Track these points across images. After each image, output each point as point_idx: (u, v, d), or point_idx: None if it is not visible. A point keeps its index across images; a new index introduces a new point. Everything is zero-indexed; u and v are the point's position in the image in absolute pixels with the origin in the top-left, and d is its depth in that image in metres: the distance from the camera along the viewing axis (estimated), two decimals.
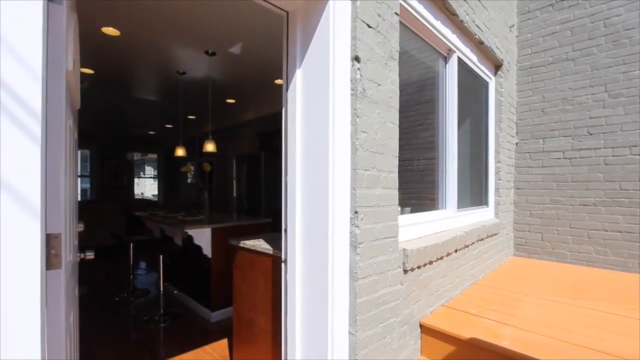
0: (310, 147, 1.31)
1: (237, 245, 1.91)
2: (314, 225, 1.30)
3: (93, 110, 6.28)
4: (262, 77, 4.27)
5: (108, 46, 3.29)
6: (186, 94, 4.97)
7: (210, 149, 3.46)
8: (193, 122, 7.29)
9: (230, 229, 3.02)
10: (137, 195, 10.56)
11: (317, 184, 1.28)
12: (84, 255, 1.52)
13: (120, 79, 4.34)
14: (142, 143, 9.82)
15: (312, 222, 1.30)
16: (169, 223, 3.04)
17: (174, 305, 3.27)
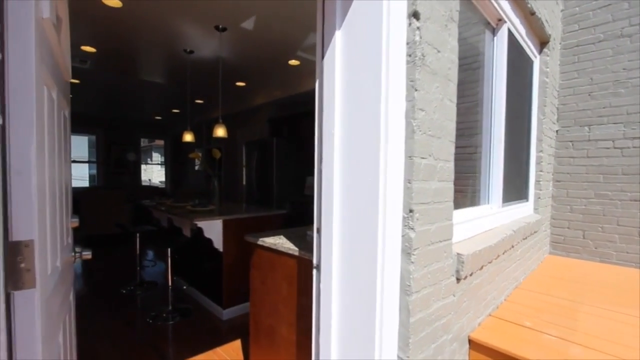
0: (354, 129, 1.05)
1: (255, 242, 1.67)
2: (357, 226, 1.04)
3: (98, 94, 6.04)
4: (276, 57, 3.96)
5: (109, 20, 3.02)
6: (194, 75, 4.69)
7: (220, 134, 3.21)
8: (201, 107, 7.02)
9: (243, 221, 2.79)
10: (145, 181, 10.42)
11: (363, 175, 1.02)
12: (79, 254, 1.30)
13: (124, 58, 4.07)
14: (149, 129, 9.61)
15: (355, 222, 1.05)
16: (177, 213, 2.82)
17: (183, 301, 3.08)
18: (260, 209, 3.15)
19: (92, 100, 6.63)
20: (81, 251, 1.28)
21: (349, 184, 1.06)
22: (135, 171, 9.36)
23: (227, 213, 2.82)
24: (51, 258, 0.84)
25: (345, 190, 1.08)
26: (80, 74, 4.78)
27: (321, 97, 1.16)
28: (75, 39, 3.49)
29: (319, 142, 1.18)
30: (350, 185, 1.06)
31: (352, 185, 1.05)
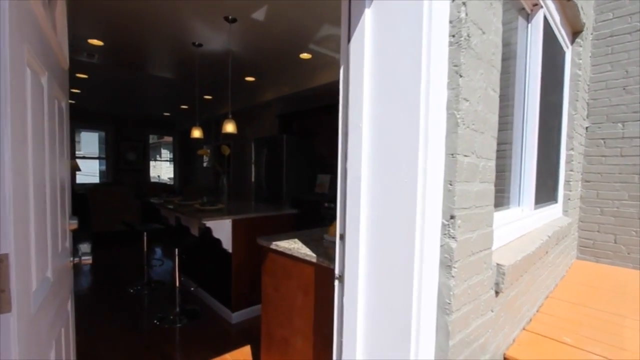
0: (387, 122, 0.91)
1: (268, 246, 1.55)
2: (389, 234, 0.90)
3: (108, 90, 5.99)
4: (287, 51, 3.83)
5: (115, 10, 2.91)
6: (203, 70, 4.58)
7: (229, 130, 3.09)
8: (209, 102, 6.93)
9: (253, 221, 2.68)
10: (154, 178, 10.42)
11: (398, 175, 0.88)
12: (78, 259, 1.19)
13: (131, 51, 3.97)
14: (158, 125, 9.58)
15: (386, 229, 0.91)
16: (185, 212, 2.72)
17: (191, 301, 2.99)
18: (270, 208, 3.03)
19: (102, 97, 6.59)
20: (80, 255, 1.17)
21: (380, 185, 0.93)
22: (143, 168, 9.35)
23: (237, 212, 2.70)
24: (37, 270, 0.72)
25: (375, 192, 0.94)
26: (88, 69, 4.71)
27: (346, 85, 1.02)
28: (82, 31, 3.40)
29: (344, 138, 1.04)
30: (381, 186, 0.92)
31: (384, 186, 0.92)
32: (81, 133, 9.27)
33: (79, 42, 3.68)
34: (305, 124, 4.97)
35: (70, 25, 3.41)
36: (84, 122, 8.35)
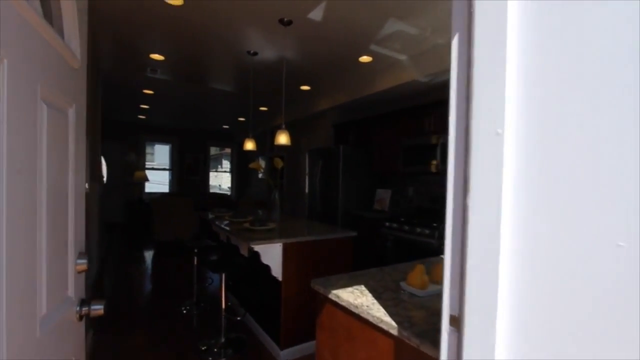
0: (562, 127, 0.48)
1: (325, 295, 1.17)
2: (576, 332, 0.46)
3: (171, 104, 6.26)
4: (345, 54, 3.50)
5: (172, 21, 2.85)
6: (257, 80, 4.47)
7: (282, 141, 2.82)
8: (264, 114, 6.92)
9: (306, 246, 2.33)
10: (214, 186, 10.79)
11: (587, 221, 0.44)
12: (87, 309, 0.93)
13: (191, 65, 3.99)
14: (218, 137, 9.96)
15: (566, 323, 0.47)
16: (234, 231, 2.48)
17: (239, 328, 2.73)
18: (326, 230, 2.67)
19: (167, 111, 6.95)
20: (89, 305, 0.91)
21: (548, 238, 0.49)
22: (204, 179, 9.74)
23: (288, 234, 2.39)
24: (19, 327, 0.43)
25: (535, 250, 0.51)
26: (153, 85, 4.91)
27: (467, 66, 0.61)
28: (143, 46, 3.45)
29: (459, 155, 0.63)
30: (549, 241, 0.49)
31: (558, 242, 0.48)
32: (155, 145, 10.00)
33: (141, 58, 3.78)
34: (362, 134, 4.57)
35: (132, 41, 3.52)
36: (152, 136, 8.96)
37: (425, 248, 3.15)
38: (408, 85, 3.70)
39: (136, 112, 7.14)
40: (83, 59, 0.96)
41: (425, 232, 3.16)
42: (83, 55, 0.96)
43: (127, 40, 3.31)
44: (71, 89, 0.86)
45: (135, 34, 3.14)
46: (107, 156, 8.43)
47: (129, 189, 8.70)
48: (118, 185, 8.58)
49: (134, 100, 5.99)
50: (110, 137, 8.43)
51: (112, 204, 8.50)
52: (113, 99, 5.97)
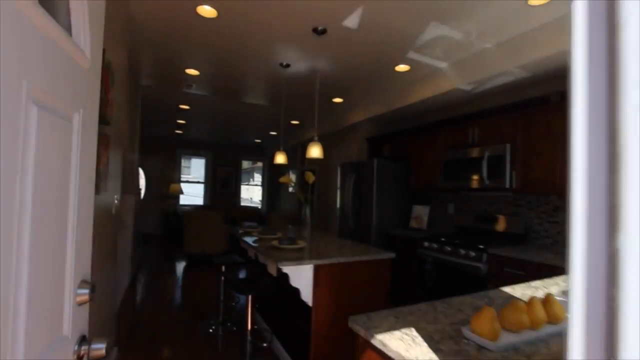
0: None
1: (367, 340, 0.96)
2: None
3: (206, 119, 6.40)
4: (380, 63, 3.33)
5: (206, 34, 2.85)
6: (290, 92, 4.42)
7: (315, 154, 2.67)
8: (295, 128, 6.88)
9: (340, 268, 2.13)
10: (245, 199, 10.88)
11: None
12: (86, 348, 0.80)
13: (224, 78, 4.01)
14: (250, 151, 10.10)
15: None
16: (262, 249, 2.33)
17: (266, 355, 2.54)
18: (361, 249, 2.45)
19: (202, 126, 7.14)
20: (90, 345, 0.78)
21: None
22: (235, 192, 9.86)
23: (320, 255, 2.20)
24: None
25: None
26: (189, 100, 5.02)
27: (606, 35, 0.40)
28: (180, 61, 3.50)
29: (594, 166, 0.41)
30: None
31: None
32: (190, 159, 10.32)
33: (177, 73, 3.85)
34: (398, 147, 4.34)
35: (169, 56, 3.59)
36: (188, 150, 9.25)
37: (471, 273, 2.82)
38: (448, 95, 3.45)
39: (174, 127, 7.40)
40: (96, 59, 0.86)
41: (471, 254, 2.84)
42: (96, 56, 0.86)
43: (164, 56, 3.38)
44: (79, 91, 0.75)
45: (171, 48, 3.18)
46: (146, 169, 8.79)
47: (165, 202, 8.97)
48: (155, 197, 8.88)
49: (171, 116, 6.19)
50: (150, 151, 8.80)
51: (149, 216, 8.79)
52: (153, 115, 6.21)
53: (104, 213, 1.85)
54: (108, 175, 1.75)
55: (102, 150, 1.49)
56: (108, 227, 1.99)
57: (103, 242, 1.91)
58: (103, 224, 1.83)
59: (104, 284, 2.01)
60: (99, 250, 1.81)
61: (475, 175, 3.16)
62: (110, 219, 2.08)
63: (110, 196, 1.98)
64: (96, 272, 1.71)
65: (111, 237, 2.18)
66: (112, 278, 2.34)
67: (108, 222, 2.00)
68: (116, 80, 2.11)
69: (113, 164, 2.02)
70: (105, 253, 2.01)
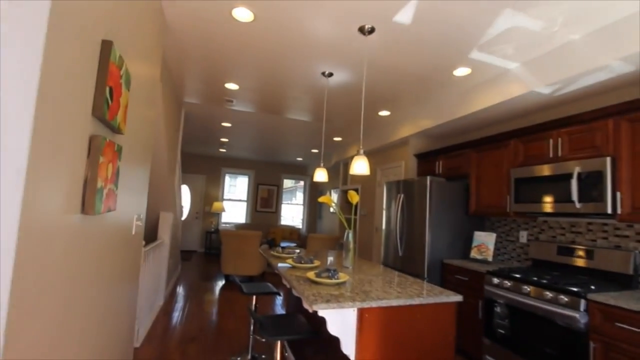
0: None
1: None
2: None
3: (248, 136, 6.35)
4: (435, 67, 2.91)
5: (244, 40, 2.66)
6: (332, 106, 4.13)
7: (360, 170, 2.28)
8: (337, 145, 6.57)
9: (391, 313, 1.67)
10: (287, 219, 10.67)
11: None
12: None
13: (263, 92, 3.84)
14: (291, 169, 9.98)
15: None
16: (296, 281, 1.95)
17: None
18: (416, 289, 1.96)
19: (244, 144, 7.12)
20: None
21: None
22: (275, 211, 9.71)
23: (365, 294, 1.76)
24: None
25: None
26: (230, 117, 4.95)
27: None
28: (219, 75, 3.38)
29: None
30: None
31: None
32: (233, 177, 10.46)
33: (218, 87, 3.75)
34: (454, 164, 3.79)
35: (208, 69, 3.48)
36: (231, 169, 9.35)
37: (561, 323, 2.17)
38: (520, 100, 2.90)
39: (217, 146, 7.49)
40: None
41: (561, 299, 2.20)
42: None
43: (204, 69, 3.28)
44: None
45: (209, 59, 3.06)
46: (191, 187, 9.00)
47: (207, 219, 9.06)
48: (199, 215, 9.01)
49: (214, 133, 6.23)
50: (196, 170, 9.03)
51: (193, 233, 8.91)
52: (198, 133, 6.30)
53: (116, 233, 1.61)
54: (117, 191, 1.50)
55: (104, 161, 1.23)
56: (122, 250, 1.75)
57: (117, 266, 1.67)
58: (114, 247, 1.59)
59: (117, 309, 1.75)
60: (110, 279, 1.57)
61: (557, 196, 2.54)
62: (127, 240, 1.85)
63: (126, 215, 1.75)
64: (103, 299, 1.45)
65: (128, 260, 1.94)
66: (130, 304, 2.10)
67: (123, 245, 1.76)
68: (145, 93, 1.93)
69: (132, 179, 1.81)
70: (119, 280, 1.76)
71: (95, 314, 1.38)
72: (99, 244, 1.35)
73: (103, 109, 1.18)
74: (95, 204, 1.16)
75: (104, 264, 1.44)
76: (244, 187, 9.67)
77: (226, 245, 5.38)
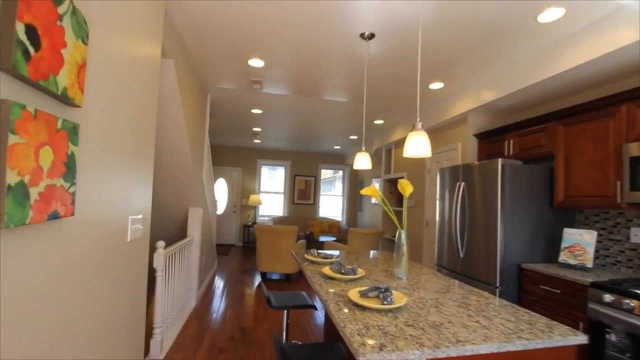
0: None
1: None
2: None
3: (281, 123, 5.92)
4: (514, 10, 2.18)
5: (265, 4, 2.16)
6: (374, 77, 3.52)
7: (418, 150, 1.68)
8: (378, 129, 5.91)
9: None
10: (325, 211, 10.24)
11: None
12: None
13: (291, 67, 3.32)
14: (329, 159, 9.48)
15: None
16: (333, 304, 1.44)
17: None
18: (515, 326, 1.36)
19: (279, 133, 6.72)
20: None
21: None
22: (313, 203, 9.30)
23: (436, 331, 1.20)
24: None
25: None
26: (259, 102, 4.53)
27: None
28: (240, 52, 2.92)
29: None
30: None
31: None
32: (269, 169, 10.20)
33: (242, 67, 3.30)
34: (530, 143, 3.02)
35: (229, 46, 3.00)
36: (266, 160, 9.06)
37: None
38: (634, 51, 2.08)
39: (251, 136, 7.18)
40: None
41: None
42: None
43: (223, 47, 2.83)
44: None
45: (230, 31, 2.60)
46: (228, 180, 8.86)
47: (245, 213, 8.90)
48: (236, 209, 8.87)
49: (246, 122, 5.88)
50: (232, 162, 8.87)
51: (229, 227, 8.81)
52: (228, 123, 6.00)
53: (90, 245, 1.21)
54: (75, 189, 1.07)
55: (24, 142, 0.79)
56: (106, 264, 1.35)
57: (97, 285, 1.28)
58: (86, 263, 1.20)
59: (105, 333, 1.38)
60: (98, 298, 1.17)
61: None
62: (118, 250, 1.46)
63: (110, 218, 1.35)
64: (75, 328, 1.06)
65: (122, 272, 1.56)
66: (134, 319, 1.74)
67: (108, 257, 1.37)
68: (138, 71, 1.51)
69: (119, 173, 1.40)
70: (105, 300, 1.38)
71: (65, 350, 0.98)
72: (46, 266, 0.93)
73: (12, 57, 0.73)
74: (9, 211, 0.73)
75: (69, 288, 1.04)
76: (280, 179, 9.36)
77: (261, 241, 5.04)
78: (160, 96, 2.59)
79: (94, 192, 1.20)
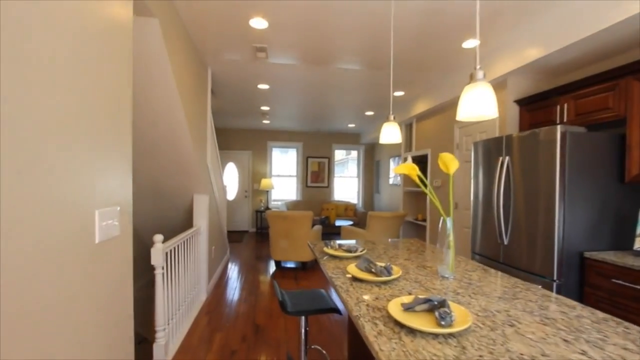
0: None
1: None
2: None
3: (291, 100, 5.47)
4: None
5: None
6: (396, 37, 3.02)
7: (475, 110, 1.23)
8: (399, 102, 5.38)
9: None
10: (339, 193, 9.85)
11: None
12: None
13: (300, 29, 2.85)
14: (343, 139, 9.01)
15: None
16: (370, 330, 1.06)
17: None
18: (607, 348, 0.95)
19: (288, 112, 6.28)
20: None
21: None
22: (328, 185, 8.91)
23: None
24: None
25: None
26: (265, 75, 4.07)
27: None
28: (238, 8, 2.46)
29: None
30: None
31: None
32: (281, 152, 9.80)
33: (242, 29, 2.84)
34: (592, 106, 2.49)
35: (227, 2, 2.49)
36: (277, 142, 8.66)
37: None
38: None
39: (259, 116, 6.76)
40: None
41: None
42: None
43: (220, 2, 2.38)
44: None
45: None
46: (238, 164, 8.54)
47: (257, 197, 8.61)
48: (248, 194, 8.58)
49: (252, 100, 5.45)
50: (241, 146, 8.51)
51: (242, 213, 8.55)
52: (234, 103, 5.59)
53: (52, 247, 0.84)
54: None
55: None
56: (58, 274, 0.99)
57: None
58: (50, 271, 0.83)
59: None
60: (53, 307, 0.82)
61: None
62: (86, 252, 1.10)
63: (68, 214, 0.97)
64: None
65: (90, 281, 1.21)
66: (118, 331, 1.41)
67: (61, 265, 1.01)
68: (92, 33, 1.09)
69: (65, 160, 1.01)
70: (72, 317, 1.03)
71: None
72: None
73: None
74: None
75: None
76: (292, 162, 8.97)
77: (273, 228, 4.71)
78: (144, 63, 2.18)
79: (26, 186, 0.81)
